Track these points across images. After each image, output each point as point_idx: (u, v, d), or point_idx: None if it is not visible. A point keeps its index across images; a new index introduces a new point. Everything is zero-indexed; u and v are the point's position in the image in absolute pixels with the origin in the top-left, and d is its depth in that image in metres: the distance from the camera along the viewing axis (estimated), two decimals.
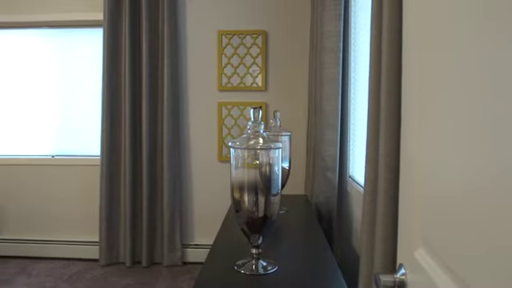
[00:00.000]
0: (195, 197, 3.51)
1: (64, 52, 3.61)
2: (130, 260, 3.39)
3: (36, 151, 3.67)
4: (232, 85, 3.42)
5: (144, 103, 3.31)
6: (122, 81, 3.38)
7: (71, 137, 3.64)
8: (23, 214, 3.67)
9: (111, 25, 3.32)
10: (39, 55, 3.63)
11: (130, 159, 3.33)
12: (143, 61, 3.30)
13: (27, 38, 3.63)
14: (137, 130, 3.39)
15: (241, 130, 3.44)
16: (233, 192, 1.24)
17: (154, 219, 3.43)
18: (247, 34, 3.40)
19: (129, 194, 3.34)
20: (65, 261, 3.57)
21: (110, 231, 3.42)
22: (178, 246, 3.41)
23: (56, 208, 3.63)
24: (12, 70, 3.67)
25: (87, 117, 3.60)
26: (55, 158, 3.62)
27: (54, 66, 3.62)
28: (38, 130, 3.66)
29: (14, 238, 3.67)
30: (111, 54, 3.33)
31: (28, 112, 3.67)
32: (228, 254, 1.46)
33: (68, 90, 3.62)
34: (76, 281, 3.16)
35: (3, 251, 3.67)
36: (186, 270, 3.38)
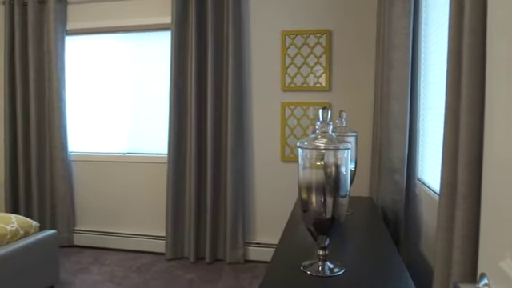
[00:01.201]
0: (258, 196, 3.55)
1: (136, 55, 3.80)
2: (194, 255, 3.50)
3: (110, 149, 3.90)
4: (295, 85, 3.42)
5: (209, 103, 3.40)
6: (188, 82, 3.49)
7: (141, 135, 3.82)
8: (97, 207, 3.91)
9: (178, 27, 3.44)
10: (115, 58, 3.85)
11: (195, 157, 3.44)
12: (208, 62, 3.39)
13: (105, 42, 3.87)
14: (202, 129, 3.48)
15: (304, 130, 3.42)
16: (300, 192, 1.23)
17: (218, 217, 3.51)
18: (311, 34, 3.37)
19: (194, 191, 3.45)
20: (134, 253, 3.76)
21: (175, 227, 3.55)
22: (241, 243, 3.46)
23: (126, 203, 3.83)
24: (91, 72, 3.93)
25: (156, 117, 3.76)
26: (126, 155, 3.82)
27: (128, 68, 3.83)
28: (112, 129, 3.89)
29: (88, 230, 3.93)
30: (178, 56, 3.46)
31: (105, 112, 3.91)
32: (293, 254, 1.46)
33: (139, 91, 3.81)
34: (144, 272, 3.31)
35: (79, 241, 3.94)
36: (248, 267, 3.42)
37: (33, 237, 2.75)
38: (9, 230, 2.64)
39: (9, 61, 3.87)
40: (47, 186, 3.89)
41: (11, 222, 2.71)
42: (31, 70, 3.79)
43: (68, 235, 3.88)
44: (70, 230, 3.90)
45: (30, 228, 2.80)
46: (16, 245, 2.59)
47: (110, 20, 3.75)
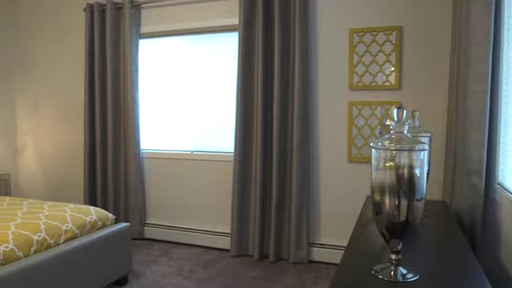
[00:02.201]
0: (323, 196, 3.51)
1: (204, 55, 3.91)
2: (259, 253, 3.54)
3: (179, 147, 4.05)
4: (363, 84, 3.33)
5: (275, 103, 3.41)
6: (254, 81, 3.53)
7: (208, 134, 3.93)
8: (166, 202, 4.08)
9: (245, 28, 3.49)
10: (184, 59, 4.00)
11: (260, 156, 3.47)
12: (275, 62, 3.40)
13: (175, 44, 4.02)
14: (268, 128, 3.51)
15: (372, 130, 3.33)
16: (373, 194, 1.20)
17: (282, 216, 3.52)
18: (380, 31, 3.27)
19: (259, 190, 3.49)
20: (200, 248, 3.88)
21: (240, 224, 3.61)
22: (305, 244, 3.44)
23: (194, 199, 3.96)
24: (162, 73, 4.10)
25: (223, 116, 3.85)
26: (194, 153, 3.95)
27: (196, 69, 3.95)
28: (181, 128, 4.04)
29: (159, 224, 4.11)
30: (245, 56, 3.51)
31: (175, 111, 4.07)
32: (363, 256, 1.42)
33: (207, 91, 3.92)
34: (210, 267, 3.40)
35: (150, 234, 4.13)
36: (312, 268, 3.39)
37: (109, 228, 2.93)
38: (88, 220, 2.84)
39: (89, 64, 4.15)
40: (121, 181, 4.12)
41: (90, 213, 2.91)
42: (108, 72, 4.04)
43: (139, 228, 4.09)
44: (141, 224, 4.10)
45: (106, 220, 2.99)
46: (94, 235, 2.77)
47: (180, 23, 3.89)
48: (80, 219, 2.79)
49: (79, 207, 2.99)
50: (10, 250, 2.29)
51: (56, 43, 4.56)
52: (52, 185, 4.73)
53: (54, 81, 4.61)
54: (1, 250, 2.25)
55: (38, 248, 2.44)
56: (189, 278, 3.18)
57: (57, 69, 4.58)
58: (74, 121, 4.49)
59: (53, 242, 2.54)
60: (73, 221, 2.74)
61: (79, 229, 2.74)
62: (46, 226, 2.57)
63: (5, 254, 2.26)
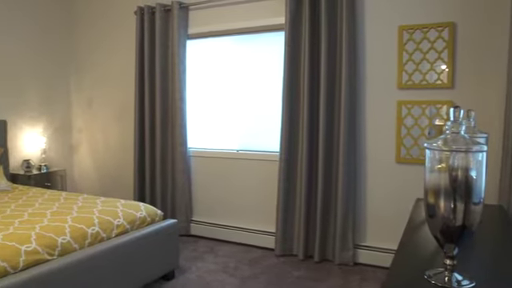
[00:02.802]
0: (369, 198, 3.44)
1: (250, 55, 3.94)
2: (303, 253, 3.52)
3: (225, 146, 4.10)
4: (413, 82, 3.23)
5: (321, 102, 3.38)
6: (300, 81, 3.52)
7: (254, 134, 3.95)
8: (213, 200, 4.15)
9: (291, 27, 3.48)
10: (230, 59, 4.04)
11: (306, 156, 3.45)
12: (321, 60, 3.37)
13: (221, 44, 4.08)
14: (314, 128, 3.48)
15: (422, 130, 3.22)
16: (427, 196, 1.16)
17: (328, 217, 3.48)
18: (431, 28, 3.15)
19: (304, 189, 3.47)
20: (245, 246, 3.91)
21: (285, 224, 3.61)
22: (350, 245, 3.39)
23: (239, 197, 4.00)
24: (209, 73, 4.18)
25: (269, 115, 3.85)
26: (239, 152, 3.99)
27: (242, 68, 3.99)
28: (227, 127, 4.09)
29: (204, 221, 4.19)
30: (291, 56, 3.50)
31: (221, 111, 4.13)
32: (415, 260, 1.38)
33: (253, 90, 3.94)
34: (254, 266, 3.43)
35: (195, 231, 4.22)
36: (357, 270, 3.33)
37: (157, 224, 3.01)
38: (138, 216, 2.94)
39: (139, 64, 4.30)
40: (169, 178, 4.23)
41: (140, 209, 3.01)
42: (157, 72, 4.15)
43: (186, 225, 4.18)
44: (187, 220, 4.19)
45: (155, 216, 3.08)
46: (144, 230, 2.87)
47: (227, 23, 3.94)
48: (131, 215, 2.90)
49: (130, 203, 3.10)
50: (67, 242, 2.42)
51: (110, 45, 4.75)
52: (104, 181, 4.94)
53: (107, 80, 4.81)
54: (59, 242, 2.38)
55: (91, 241, 2.56)
56: (233, 276, 3.22)
57: (109, 69, 4.78)
58: (125, 119, 4.67)
59: (105, 235, 2.65)
60: (124, 216, 2.85)
61: (130, 224, 2.84)
62: (99, 220, 2.69)
63: (62, 245, 2.38)
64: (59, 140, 5.00)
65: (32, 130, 4.67)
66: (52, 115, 4.90)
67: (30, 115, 4.65)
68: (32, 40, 4.63)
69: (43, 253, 2.28)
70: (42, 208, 2.92)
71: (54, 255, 2.33)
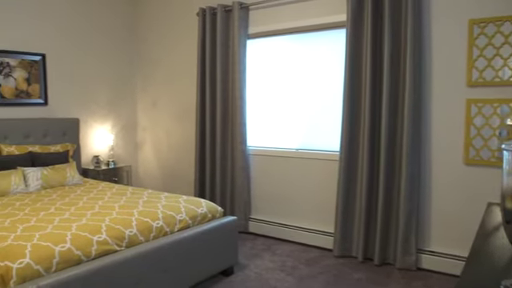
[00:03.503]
0: (434, 201, 3.28)
1: (310, 54, 3.91)
2: (363, 255, 3.44)
3: (284, 144, 4.10)
4: (484, 79, 3.04)
5: (384, 100, 3.28)
6: (362, 79, 3.44)
7: (314, 133, 3.92)
8: (271, 198, 4.17)
9: (353, 24, 3.41)
10: (290, 58, 4.04)
11: (367, 156, 3.37)
12: (384, 58, 3.27)
13: (281, 43, 4.09)
14: (376, 128, 3.39)
15: (493, 130, 3.02)
16: (504, 201, 1.09)
17: (389, 219, 3.38)
18: (506, 20, 2.95)
19: (365, 190, 3.39)
20: (302, 246, 3.89)
21: (344, 225, 3.55)
22: (413, 250, 3.26)
23: (298, 197, 3.99)
24: (268, 72, 4.20)
25: (329, 115, 3.81)
26: (299, 151, 3.97)
27: (302, 67, 3.97)
28: (287, 126, 4.09)
29: (262, 219, 4.22)
30: (353, 53, 3.43)
31: (281, 109, 4.14)
32: (489, 269, 1.30)
33: (313, 89, 3.91)
34: (312, 265, 3.40)
35: (253, 229, 4.26)
36: (420, 276, 3.20)
37: (218, 221, 3.08)
38: (199, 212, 3.02)
39: (201, 64, 4.41)
40: (228, 176, 4.31)
41: (201, 205, 3.09)
42: (218, 72, 4.24)
43: (244, 222, 4.24)
44: (246, 218, 4.25)
45: (215, 212, 3.15)
46: (205, 226, 2.94)
47: (287, 22, 3.93)
48: (192, 210, 2.99)
49: (191, 199, 3.20)
50: (134, 234, 2.54)
51: (172, 47, 4.92)
52: (166, 177, 5.13)
53: (170, 81, 4.99)
54: (126, 234, 2.50)
55: (156, 234, 2.67)
56: (291, 274, 3.22)
57: (172, 70, 4.95)
58: (187, 119, 4.82)
59: (169, 229, 2.76)
60: (186, 211, 2.94)
61: (191, 219, 2.93)
62: (163, 214, 2.80)
63: (130, 237, 2.51)
64: (125, 137, 5.26)
65: (101, 127, 4.95)
66: (119, 114, 5.17)
67: (100, 114, 4.94)
68: (102, 45, 4.91)
69: (112, 244, 2.41)
70: (111, 201, 3.09)
71: (122, 246, 2.46)
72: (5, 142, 3.92)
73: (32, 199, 3.21)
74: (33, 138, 4.13)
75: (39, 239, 2.25)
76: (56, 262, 2.14)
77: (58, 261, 2.15)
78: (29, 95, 4.24)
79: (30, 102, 4.25)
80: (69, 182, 3.84)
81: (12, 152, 3.81)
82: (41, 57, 4.31)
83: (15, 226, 2.47)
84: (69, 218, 2.66)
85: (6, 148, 3.81)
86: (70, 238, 2.29)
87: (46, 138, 4.24)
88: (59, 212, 2.80)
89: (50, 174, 3.74)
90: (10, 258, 2.05)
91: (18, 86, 4.15)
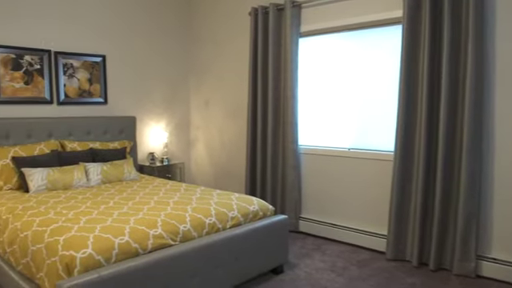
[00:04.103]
0: (497, 202, 3.09)
1: (363, 51, 3.82)
2: (417, 260, 3.33)
3: (336, 144, 4.05)
4: None
5: (442, 100, 3.14)
6: (419, 77, 3.32)
7: (366, 132, 3.83)
8: (322, 198, 4.14)
9: (410, 20, 3.29)
10: (342, 56, 3.98)
11: (424, 157, 3.25)
12: (443, 55, 3.13)
13: (333, 41, 4.04)
14: (433, 127, 3.26)
15: None
16: None
17: (446, 222, 3.24)
18: None
19: (420, 192, 3.27)
20: (352, 247, 3.83)
21: (398, 227, 3.44)
22: (472, 256, 3.11)
23: (349, 197, 3.92)
24: (320, 71, 4.16)
25: (382, 113, 3.71)
26: (351, 150, 3.90)
27: (355, 65, 3.89)
28: (339, 125, 4.03)
29: (312, 218, 4.19)
30: (409, 50, 3.32)
31: (332, 108, 4.09)
32: None
33: (366, 87, 3.82)
34: (363, 267, 3.34)
35: (304, 228, 4.25)
36: (480, 284, 3.04)
37: (269, 219, 3.10)
38: (251, 210, 3.05)
39: (253, 63, 4.45)
40: (279, 174, 4.32)
41: (253, 203, 3.12)
42: (270, 71, 4.26)
43: (294, 221, 4.23)
44: (296, 217, 4.24)
45: (267, 211, 3.17)
46: (256, 224, 2.97)
47: (339, 20, 3.87)
48: (244, 208, 3.02)
49: (243, 197, 3.23)
50: (188, 230, 2.61)
51: (224, 46, 5.00)
52: (217, 174, 5.23)
53: (222, 81, 5.07)
54: (180, 229, 2.58)
55: (208, 230, 2.73)
56: (342, 275, 3.18)
57: (224, 70, 5.03)
58: (239, 117, 4.88)
59: (221, 226, 2.81)
60: (238, 209, 2.98)
61: (243, 217, 2.97)
62: (215, 211, 2.86)
63: (183, 233, 2.58)
64: (179, 135, 5.42)
65: (156, 125, 5.13)
66: (173, 112, 5.33)
67: (156, 112, 5.11)
68: (158, 46, 5.08)
69: (167, 238, 2.49)
70: (166, 197, 3.19)
71: (176, 241, 2.53)
72: (69, 138, 4.16)
73: (93, 193, 3.38)
74: (93, 135, 4.36)
75: (100, 231, 2.37)
76: (115, 254, 2.24)
77: (117, 252, 2.25)
78: (90, 94, 4.47)
79: (92, 100, 4.49)
80: (126, 177, 4.01)
81: (75, 148, 4.03)
82: (101, 58, 4.53)
83: (78, 218, 2.62)
84: (127, 211, 2.78)
85: (70, 144, 4.04)
86: (129, 231, 2.39)
87: (105, 135, 4.45)
88: (118, 206, 2.93)
89: (109, 170, 3.92)
90: (74, 248, 2.17)
91: (80, 85, 4.39)
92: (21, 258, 2.47)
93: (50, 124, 4.04)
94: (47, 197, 3.23)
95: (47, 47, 4.12)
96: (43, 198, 3.18)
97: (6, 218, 2.83)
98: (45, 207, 2.91)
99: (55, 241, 2.28)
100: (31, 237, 2.44)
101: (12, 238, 2.62)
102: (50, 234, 2.38)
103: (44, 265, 2.23)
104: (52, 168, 3.61)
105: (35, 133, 3.95)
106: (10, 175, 3.56)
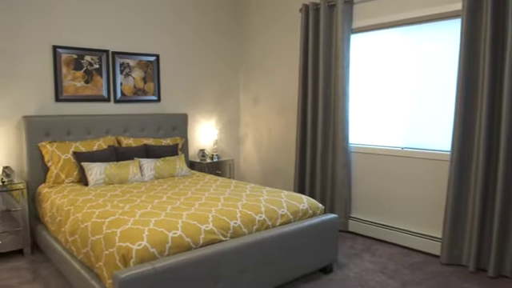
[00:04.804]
0: None
1: (418, 47, 3.69)
2: (474, 265, 3.17)
3: (388, 142, 3.94)
4: None
5: (505, 98, 2.96)
6: (479, 73, 3.15)
7: (421, 131, 3.70)
8: (372, 197, 4.04)
9: (470, 13, 3.13)
10: (395, 52, 3.86)
11: (483, 158, 3.08)
12: (507, 49, 2.95)
13: (386, 37, 3.92)
14: (494, 127, 3.08)
15: None
16: None
17: (507, 225, 3.06)
18: None
19: (479, 194, 3.11)
20: (404, 249, 3.72)
21: (454, 230, 3.30)
22: None
23: (401, 197, 3.81)
24: (372, 67, 4.06)
25: (438, 112, 3.56)
26: (404, 150, 3.78)
27: (409, 62, 3.76)
28: (391, 124, 3.92)
29: (363, 219, 4.11)
30: (469, 46, 3.16)
31: (385, 106, 3.98)
32: None
33: (420, 84, 3.69)
34: (416, 271, 3.23)
35: (353, 228, 4.17)
36: None
37: (318, 218, 3.07)
38: (301, 208, 3.04)
39: (303, 61, 4.42)
40: (329, 172, 4.27)
41: (302, 201, 3.11)
42: (321, 68, 4.21)
43: (344, 220, 4.17)
44: (345, 216, 4.17)
45: (316, 209, 3.15)
46: (305, 222, 2.95)
47: (393, 14, 3.75)
48: (294, 206, 3.02)
49: (293, 195, 3.23)
50: (238, 226, 2.65)
51: (274, 43, 5.00)
52: (266, 171, 5.25)
53: (271, 79, 5.08)
54: (231, 225, 2.62)
55: (258, 227, 2.75)
56: (393, 278, 3.09)
57: (274, 68, 5.03)
58: (288, 115, 4.87)
59: (270, 223, 2.82)
60: (288, 207, 2.98)
61: (293, 215, 2.97)
62: (265, 208, 2.88)
63: (234, 229, 2.62)
64: (228, 132, 5.49)
65: (207, 123, 5.23)
66: (223, 110, 5.41)
67: (206, 110, 5.21)
68: (209, 45, 5.17)
69: (218, 233, 2.54)
70: (216, 193, 3.25)
71: (227, 237, 2.58)
72: (124, 134, 4.34)
73: (147, 187, 3.51)
74: (147, 131, 4.51)
75: (155, 225, 2.45)
76: (168, 247, 2.31)
77: (171, 246, 2.32)
78: (145, 92, 4.63)
79: (146, 98, 4.65)
80: (178, 173, 4.13)
81: (130, 144, 4.20)
82: (155, 57, 4.68)
83: (134, 211, 2.73)
84: (179, 206, 2.86)
85: (126, 140, 4.21)
86: (181, 226, 2.46)
87: (158, 131, 4.60)
88: (171, 201, 3.02)
89: (162, 165, 4.05)
90: (130, 240, 2.27)
91: (135, 84, 4.56)
92: (81, 248, 2.61)
93: (108, 121, 4.23)
94: (105, 190, 3.39)
95: (108, 48, 4.33)
96: (101, 192, 3.33)
97: (67, 209, 3.00)
98: (103, 200, 3.06)
99: (113, 232, 2.39)
100: (91, 228, 2.57)
101: (73, 228, 2.77)
102: (108, 225, 2.50)
103: (102, 255, 2.34)
104: (109, 163, 3.78)
105: (94, 129, 4.15)
106: (72, 169, 3.77)
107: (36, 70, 3.92)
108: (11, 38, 3.77)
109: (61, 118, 3.94)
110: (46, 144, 3.78)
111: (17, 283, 3.03)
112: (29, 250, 3.57)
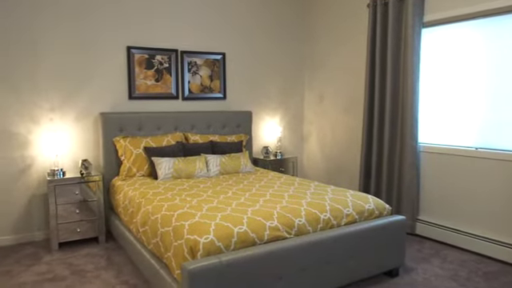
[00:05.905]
0: None
1: (492, 41, 3.44)
2: None
3: (461, 142, 3.73)
4: None
5: None
6: None
7: (497, 129, 3.46)
8: (442, 200, 3.85)
9: None
10: (470, 46, 3.63)
11: None
12: None
13: (460, 31, 3.70)
14: None
15: None
16: None
17: None
18: None
19: None
20: (478, 256, 3.50)
21: None
22: None
23: (474, 201, 3.58)
24: (445, 63, 3.85)
25: None
26: (478, 150, 3.56)
27: (484, 56, 3.53)
28: (464, 122, 3.71)
29: (431, 222, 3.93)
30: None
31: (457, 104, 3.76)
32: None
33: (496, 81, 3.44)
34: (491, 280, 3.03)
35: (421, 231, 4.00)
36: None
37: (385, 219, 2.98)
38: (366, 208, 2.97)
39: (370, 57, 4.30)
40: (395, 172, 4.12)
41: (368, 201, 3.03)
42: (389, 65, 4.07)
43: (411, 223, 4.00)
44: (413, 218, 4.01)
45: (383, 210, 3.06)
46: (371, 223, 2.88)
47: (469, 6, 3.53)
48: (359, 206, 2.95)
49: (358, 194, 3.16)
50: (303, 224, 2.64)
51: (339, 40, 4.91)
52: (330, 170, 5.19)
53: (337, 76, 4.99)
54: (295, 223, 2.62)
55: (323, 226, 2.72)
56: (465, 286, 2.92)
57: (339, 65, 4.95)
58: (353, 113, 4.77)
59: (335, 222, 2.78)
60: (353, 206, 2.92)
61: (358, 215, 2.90)
62: (330, 207, 2.84)
63: (298, 226, 2.62)
64: (292, 130, 5.48)
65: (271, 120, 5.26)
66: (288, 107, 5.41)
67: (270, 107, 5.24)
68: (274, 43, 5.20)
69: (282, 230, 2.55)
70: (280, 190, 3.26)
71: (291, 234, 2.58)
72: (192, 131, 4.49)
73: (212, 183, 3.60)
74: (213, 128, 4.63)
75: (221, 219, 2.51)
76: (234, 242, 2.36)
77: (236, 240, 2.37)
78: (211, 90, 4.76)
79: (212, 96, 4.77)
80: (242, 169, 4.19)
81: (197, 140, 4.33)
82: (221, 56, 4.78)
83: (201, 206, 2.81)
84: (244, 202, 2.90)
85: (193, 137, 4.35)
86: (247, 221, 2.50)
87: (224, 128, 4.70)
88: (236, 196, 3.08)
89: (227, 162, 4.14)
90: (197, 233, 2.34)
91: (202, 82, 4.69)
92: (151, 238, 2.74)
93: (176, 118, 4.40)
94: (173, 184, 3.53)
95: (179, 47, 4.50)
96: (170, 185, 3.48)
97: (139, 201, 3.16)
98: (171, 193, 3.19)
99: (181, 225, 2.48)
100: (160, 220, 2.69)
101: (144, 219, 2.92)
102: (176, 218, 2.60)
103: (171, 246, 2.44)
104: (177, 158, 3.93)
105: (163, 125, 4.33)
106: (143, 163, 3.96)
107: (112, 70, 4.17)
108: (92, 41, 4.04)
109: (133, 115, 4.16)
110: (119, 139, 4.01)
111: (92, 268, 3.25)
112: (103, 238, 3.82)
